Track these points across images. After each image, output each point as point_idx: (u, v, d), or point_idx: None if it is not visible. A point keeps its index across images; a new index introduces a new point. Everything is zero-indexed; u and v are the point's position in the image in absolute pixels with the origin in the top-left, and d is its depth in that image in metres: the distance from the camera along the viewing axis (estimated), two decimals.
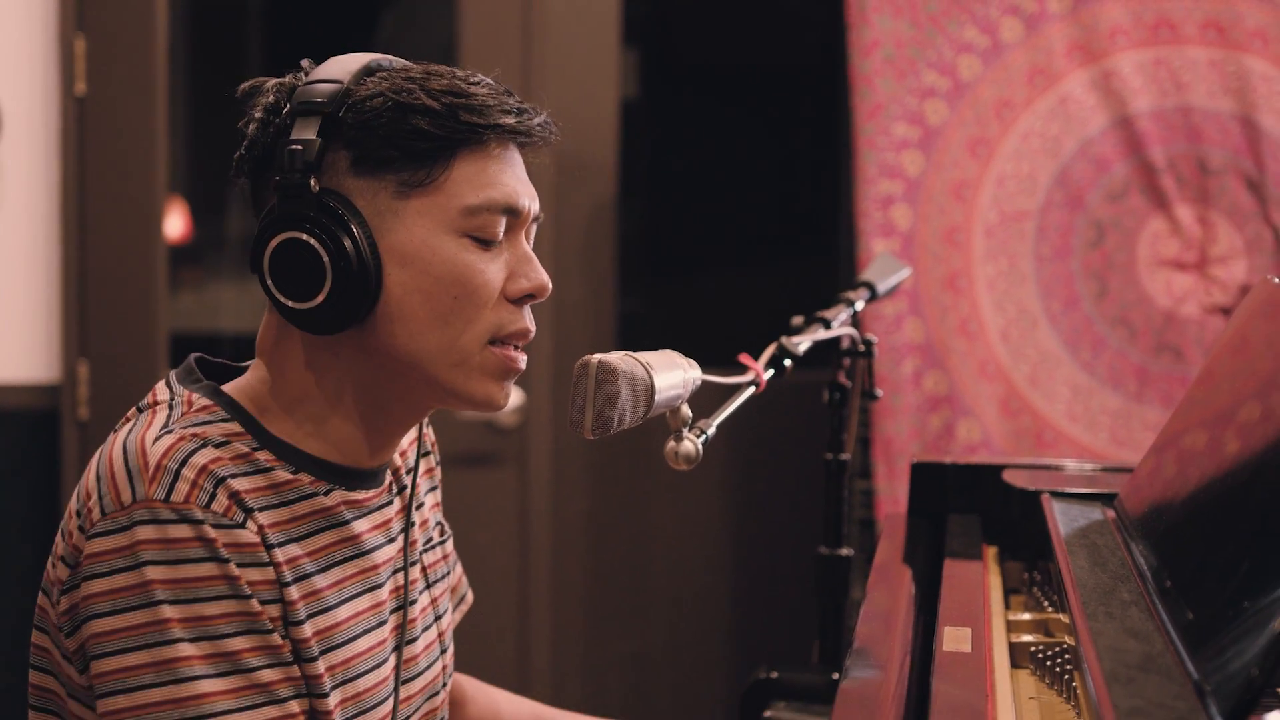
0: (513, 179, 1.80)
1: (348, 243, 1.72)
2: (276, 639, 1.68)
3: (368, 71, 1.79)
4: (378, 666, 1.86)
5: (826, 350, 2.55)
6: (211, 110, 4.51)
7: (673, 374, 1.82)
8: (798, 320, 2.47)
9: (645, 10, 4.79)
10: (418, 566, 1.99)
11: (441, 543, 2.09)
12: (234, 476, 1.69)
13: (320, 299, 1.73)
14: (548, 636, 4.37)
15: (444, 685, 2.04)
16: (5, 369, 4.08)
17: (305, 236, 1.72)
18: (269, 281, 1.75)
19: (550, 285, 1.84)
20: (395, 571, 1.92)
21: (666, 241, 5.07)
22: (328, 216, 1.72)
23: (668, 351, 1.86)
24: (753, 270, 5.01)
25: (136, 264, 4.13)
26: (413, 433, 2.05)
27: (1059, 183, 4.08)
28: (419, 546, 2.00)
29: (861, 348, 2.64)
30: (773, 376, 2.19)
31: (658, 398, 1.78)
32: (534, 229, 1.87)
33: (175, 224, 4.35)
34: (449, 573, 2.10)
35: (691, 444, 1.84)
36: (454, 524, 4.14)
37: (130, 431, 1.73)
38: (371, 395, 1.81)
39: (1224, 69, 4.04)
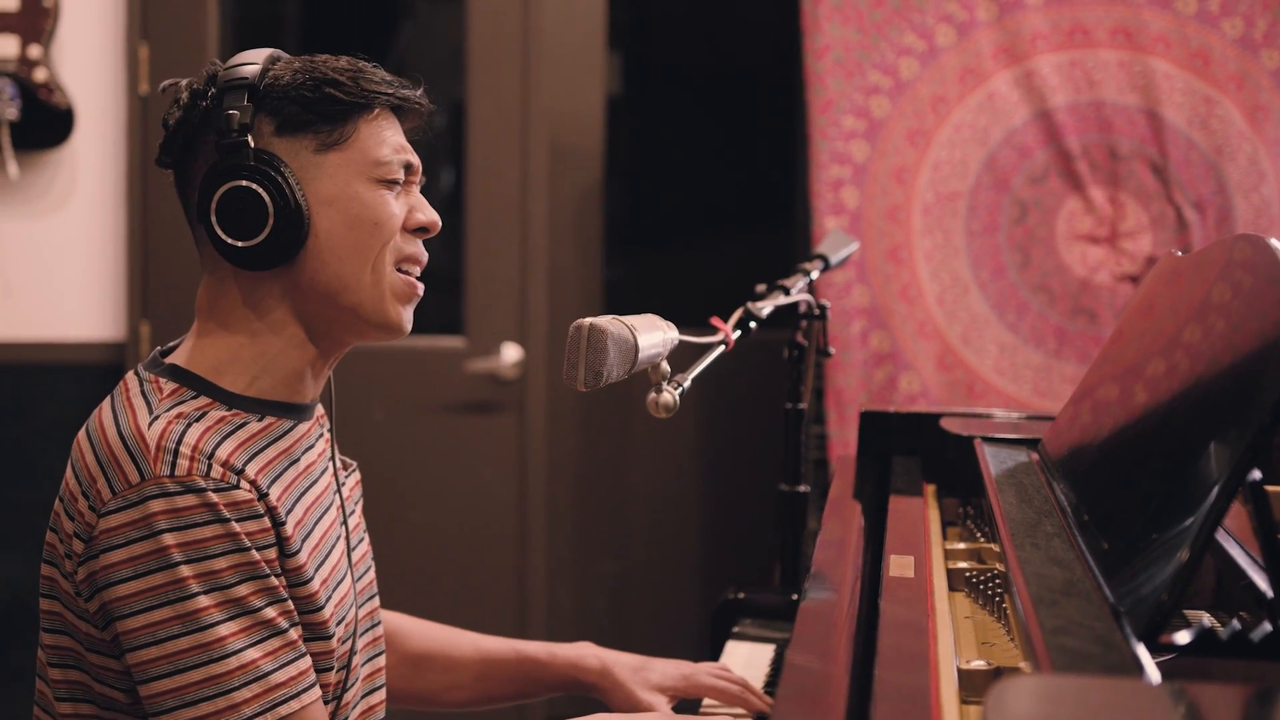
0: (402, 139, 1.87)
1: (284, 186, 1.77)
2: (273, 581, 1.70)
3: (273, 59, 1.86)
4: (347, 574, 1.89)
5: (786, 313, 2.54)
6: None
7: (654, 334, 1.82)
8: (761, 287, 2.45)
9: (628, 17, 4.75)
10: (346, 488, 2.00)
11: (349, 474, 2.07)
12: (219, 445, 1.70)
13: (264, 235, 1.77)
14: (543, 560, 4.35)
15: (377, 591, 2.05)
16: (78, 328, 4.12)
17: (248, 183, 1.77)
18: (216, 226, 1.79)
19: (440, 222, 1.89)
20: (334, 493, 1.93)
21: (647, 219, 5.05)
22: (265, 165, 1.77)
23: (649, 315, 1.87)
24: (721, 244, 5.00)
25: (191, 239, 4.10)
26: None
27: (987, 167, 4.06)
28: (342, 475, 2.00)
29: (816, 311, 2.62)
30: (740, 336, 2.18)
31: (641, 355, 1.78)
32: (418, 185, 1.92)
33: None
34: (360, 499, 2.10)
35: (670, 395, 1.84)
36: (462, 464, 4.17)
37: (119, 420, 1.73)
38: (305, 328, 1.83)
39: (1131, 69, 4.01)
